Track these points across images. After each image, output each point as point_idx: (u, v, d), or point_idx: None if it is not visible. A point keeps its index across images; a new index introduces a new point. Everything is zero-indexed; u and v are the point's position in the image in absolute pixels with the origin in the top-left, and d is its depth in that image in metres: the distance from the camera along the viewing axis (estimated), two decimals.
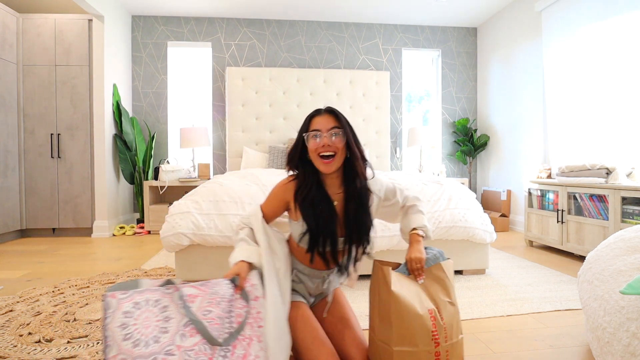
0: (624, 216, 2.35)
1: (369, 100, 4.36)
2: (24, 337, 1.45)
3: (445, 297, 1.07)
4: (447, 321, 1.04)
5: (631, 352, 0.97)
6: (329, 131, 1.05)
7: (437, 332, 1.00)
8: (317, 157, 1.06)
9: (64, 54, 3.63)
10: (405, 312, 1.01)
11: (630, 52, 2.66)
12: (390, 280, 1.03)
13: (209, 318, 0.92)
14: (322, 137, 1.05)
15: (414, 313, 1.00)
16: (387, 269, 1.06)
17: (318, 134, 1.06)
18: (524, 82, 3.87)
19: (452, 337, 1.03)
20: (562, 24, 3.28)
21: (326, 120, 1.07)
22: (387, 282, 1.04)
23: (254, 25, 4.41)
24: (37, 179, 3.60)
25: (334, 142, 1.05)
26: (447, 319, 1.04)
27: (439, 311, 1.03)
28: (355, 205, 1.09)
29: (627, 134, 2.70)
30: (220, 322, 0.93)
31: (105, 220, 3.68)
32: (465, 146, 4.47)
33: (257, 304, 1.03)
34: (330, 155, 1.05)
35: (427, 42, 4.66)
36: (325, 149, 1.04)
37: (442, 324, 1.02)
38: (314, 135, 1.06)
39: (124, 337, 0.81)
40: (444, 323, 1.02)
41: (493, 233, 2.28)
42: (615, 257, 1.24)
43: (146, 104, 4.32)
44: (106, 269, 2.47)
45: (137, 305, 0.85)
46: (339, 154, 1.06)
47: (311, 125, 1.08)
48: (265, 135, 4.20)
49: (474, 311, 1.73)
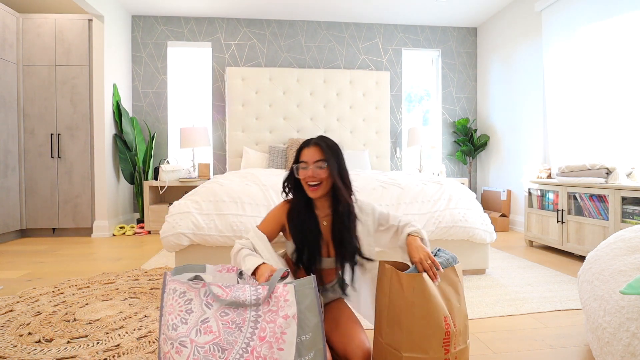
0: (624, 216, 2.35)
1: (369, 100, 4.36)
2: (24, 337, 1.45)
3: (457, 301, 1.06)
4: (459, 327, 1.03)
5: (631, 352, 0.97)
6: (314, 163, 1.18)
7: (448, 339, 0.99)
8: (306, 184, 1.20)
9: (64, 54, 3.63)
10: (418, 318, 0.99)
11: (630, 52, 2.66)
12: (404, 285, 1.02)
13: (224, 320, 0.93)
14: (309, 169, 1.18)
15: (427, 320, 0.98)
16: (400, 272, 1.05)
17: (305, 166, 1.19)
18: (524, 82, 3.87)
19: (461, 344, 1.03)
20: (562, 24, 3.28)
21: (313, 153, 1.19)
22: (401, 287, 1.03)
23: (254, 25, 4.41)
24: (37, 179, 3.60)
25: (319, 174, 1.18)
26: (459, 326, 1.03)
27: (453, 317, 1.02)
28: (340, 227, 1.21)
29: (627, 134, 2.70)
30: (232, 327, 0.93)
31: (105, 220, 3.68)
32: (465, 146, 4.47)
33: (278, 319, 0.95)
34: (316, 184, 1.18)
35: (427, 42, 4.66)
36: (311, 179, 1.18)
37: (454, 331, 1.00)
38: (302, 167, 1.20)
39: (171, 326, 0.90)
40: (456, 330, 1.01)
41: (493, 233, 2.28)
42: (615, 257, 1.24)
43: (146, 104, 4.32)
44: (106, 269, 2.47)
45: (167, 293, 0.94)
46: (324, 183, 1.19)
47: (300, 157, 1.21)
48: (265, 135, 4.20)
49: (474, 311, 1.73)
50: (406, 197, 2.21)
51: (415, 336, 0.99)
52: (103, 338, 1.44)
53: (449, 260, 1.11)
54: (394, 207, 2.16)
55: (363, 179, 2.37)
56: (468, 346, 1.06)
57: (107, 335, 1.47)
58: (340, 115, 4.32)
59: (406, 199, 2.20)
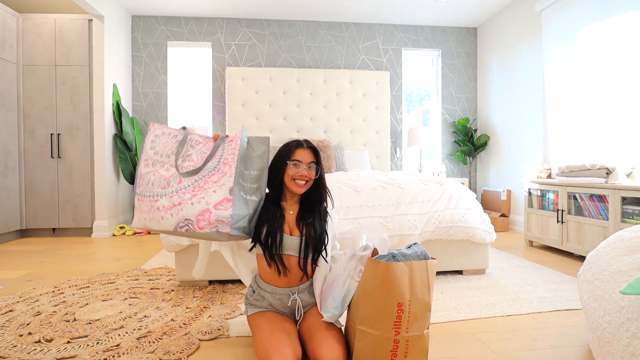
0: (624, 216, 2.35)
1: (369, 100, 4.36)
2: (24, 337, 1.45)
3: (421, 293, 1.11)
4: (415, 315, 1.10)
5: (631, 352, 0.97)
6: (308, 164, 1.31)
7: (399, 323, 1.09)
8: (292, 180, 1.31)
9: (64, 54, 3.63)
10: (375, 299, 1.10)
11: (630, 52, 2.66)
12: (369, 269, 1.13)
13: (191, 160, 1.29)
14: (302, 169, 1.30)
15: (382, 302, 1.09)
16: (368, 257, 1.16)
17: (299, 164, 1.30)
18: (524, 82, 3.87)
19: (416, 330, 1.11)
20: (562, 24, 3.28)
21: (307, 154, 1.33)
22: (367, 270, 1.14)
23: (254, 25, 4.41)
24: (37, 179, 3.60)
25: (310, 174, 1.31)
26: (415, 313, 1.10)
27: (410, 304, 1.09)
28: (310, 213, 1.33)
29: (627, 134, 2.70)
30: None
31: (105, 220, 3.68)
32: (465, 146, 4.47)
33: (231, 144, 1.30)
34: (304, 182, 1.32)
35: (427, 42, 4.66)
36: (302, 177, 1.30)
37: (407, 317, 1.09)
38: (295, 164, 1.30)
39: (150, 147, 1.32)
40: (410, 316, 1.09)
41: (493, 233, 2.28)
42: (615, 257, 1.24)
43: (146, 104, 4.32)
44: (106, 269, 2.47)
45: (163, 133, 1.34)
46: (309, 182, 1.33)
47: (294, 155, 1.31)
48: (265, 135, 4.20)
49: (474, 311, 1.73)
50: (406, 197, 2.21)
51: (369, 314, 1.11)
52: (103, 338, 1.44)
53: (418, 254, 1.17)
54: (394, 207, 2.16)
55: (363, 179, 2.36)
56: (425, 335, 1.13)
57: (107, 335, 1.47)
58: (340, 115, 4.32)
59: (406, 199, 2.20)
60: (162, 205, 1.19)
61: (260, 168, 1.28)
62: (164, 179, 1.24)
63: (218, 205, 1.16)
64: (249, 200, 1.24)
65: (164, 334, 1.48)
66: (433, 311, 1.71)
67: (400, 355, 1.10)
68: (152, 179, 1.25)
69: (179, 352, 1.33)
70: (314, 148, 1.35)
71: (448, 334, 1.52)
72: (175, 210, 1.17)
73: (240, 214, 1.19)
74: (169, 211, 1.18)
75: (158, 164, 1.28)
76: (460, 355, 1.35)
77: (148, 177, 1.26)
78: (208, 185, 1.20)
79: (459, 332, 1.53)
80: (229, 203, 1.17)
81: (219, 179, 1.21)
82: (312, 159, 1.33)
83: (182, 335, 1.47)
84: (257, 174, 1.27)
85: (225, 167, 1.23)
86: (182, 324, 1.57)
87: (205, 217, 1.15)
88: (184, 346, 1.38)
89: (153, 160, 1.29)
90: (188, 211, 1.16)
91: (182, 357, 1.30)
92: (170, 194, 1.20)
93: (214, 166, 1.25)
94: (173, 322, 1.59)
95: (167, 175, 1.24)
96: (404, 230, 2.11)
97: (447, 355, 1.35)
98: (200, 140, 1.31)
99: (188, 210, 1.16)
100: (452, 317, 1.66)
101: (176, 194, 1.20)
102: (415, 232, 2.12)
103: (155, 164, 1.28)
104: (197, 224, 1.15)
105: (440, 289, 2.04)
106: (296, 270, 1.30)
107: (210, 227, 1.15)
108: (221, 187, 1.20)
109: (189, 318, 1.63)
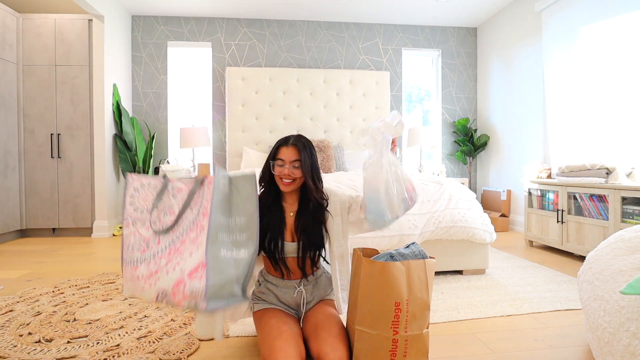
0: (624, 216, 2.35)
1: (369, 100, 4.36)
2: (24, 337, 1.45)
3: (419, 292, 1.12)
4: (414, 314, 1.10)
5: (631, 352, 0.97)
6: (290, 163, 1.26)
7: (397, 322, 1.08)
8: (279, 179, 1.28)
9: (64, 54, 3.63)
10: (372, 299, 1.10)
11: (630, 52, 2.66)
12: (365, 269, 1.13)
13: None
14: (285, 167, 1.26)
15: (380, 302, 1.09)
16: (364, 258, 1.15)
17: (282, 164, 1.26)
18: (524, 82, 3.86)
19: (415, 330, 1.10)
20: (562, 23, 3.28)
21: (290, 152, 1.27)
22: (359, 268, 1.15)
23: (254, 25, 4.41)
24: (37, 179, 3.60)
25: (294, 172, 1.26)
26: (413, 312, 1.10)
27: (409, 304, 1.09)
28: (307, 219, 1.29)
29: (627, 134, 2.70)
30: None
31: (105, 220, 3.68)
32: (465, 146, 4.47)
33: None
34: (290, 180, 1.27)
35: (427, 42, 4.66)
36: (286, 176, 1.26)
37: (405, 316, 1.08)
38: (279, 164, 1.27)
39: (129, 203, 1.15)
40: (408, 315, 1.09)
41: (493, 233, 2.28)
42: (615, 257, 1.24)
43: (146, 104, 4.32)
44: (106, 269, 2.47)
45: (142, 185, 1.15)
46: (297, 180, 1.28)
47: (278, 154, 1.28)
48: (265, 135, 4.19)
49: (474, 311, 1.73)
50: None
51: (367, 314, 1.11)
52: (103, 338, 1.44)
53: (416, 253, 1.18)
54: None
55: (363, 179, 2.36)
56: (424, 335, 1.12)
57: (107, 335, 1.47)
58: (340, 115, 4.32)
59: None
60: (141, 274, 1.03)
61: (249, 213, 1.07)
62: (144, 240, 1.07)
63: (193, 274, 0.94)
64: (235, 260, 1.01)
65: (164, 334, 1.48)
66: (433, 311, 1.71)
67: (399, 355, 1.09)
68: (132, 242, 1.09)
69: (179, 352, 1.34)
70: (299, 145, 1.28)
71: (448, 333, 1.52)
72: (153, 280, 1.00)
73: (217, 284, 0.94)
74: (147, 281, 1.01)
75: (139, 222, 1.11)
76: (460, 355, 1.35)
77: (129, 240, 1.10)
78: (185, 246, 1.00)
79: (459, 332, 1.53)
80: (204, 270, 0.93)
81: (197, 236, 0.99)
82: (296, 157, 1.26)
83: (182, 335, 1.47)
84: (245, 221, 1.06)
85: (204, 219, 1.00)
86: (182, 324, 1.57)
87: (180, 289, 0.93)
88: (184, 346, 1.38)
89: (133, 218, 1.12)
90: (164, 282, 0.97)
91: (182, 357, 1.30)
92: (148, 259, 1.04)
93: (193, 219, 1.02)
94: (173, 322, 1.59)
95: (147, 235, 1.08)
96: (404, 230, 2.11)
97: (447, 355, 1.35)
98: (183, 187, 1.08)
99: (164, 280, 0.97)
100: (452, 317, 1.67)
101: (153, 260, 1.03)
102: (415, 232, 2.12)
103: (135, 223, 1.11)
104: (173, 298, 0.94)
105: (440, 289, 2.04)
106: (298, 269, 1.32)
107: (187, 301, 0.93)
108: (198, 247, 0.97)
109: (189, 318, 1.63)
